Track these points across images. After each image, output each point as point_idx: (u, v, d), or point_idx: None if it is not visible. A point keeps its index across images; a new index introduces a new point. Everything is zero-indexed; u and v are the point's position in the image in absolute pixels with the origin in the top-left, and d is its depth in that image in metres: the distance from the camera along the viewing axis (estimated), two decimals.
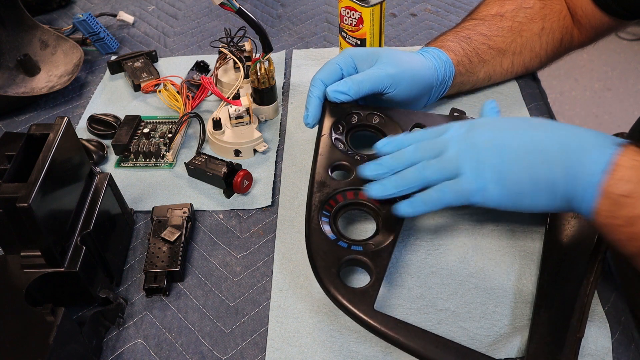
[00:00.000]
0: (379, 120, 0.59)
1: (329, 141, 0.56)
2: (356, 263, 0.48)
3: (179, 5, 0.94)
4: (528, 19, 0.67)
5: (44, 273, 0.45)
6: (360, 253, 0.47)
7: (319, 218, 0.49)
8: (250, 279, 0.53)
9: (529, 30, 0.67)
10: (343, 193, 0.52)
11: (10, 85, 0.77)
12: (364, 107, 0.59)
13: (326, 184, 0.52)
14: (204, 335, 0.49)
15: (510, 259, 0.53)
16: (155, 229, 0.55)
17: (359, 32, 0.67)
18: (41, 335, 0.40)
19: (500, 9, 0.68)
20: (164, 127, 0.69)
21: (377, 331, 0.43)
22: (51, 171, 0.43)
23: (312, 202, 0.51)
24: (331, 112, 0.58)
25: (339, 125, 0.58)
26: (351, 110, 0.59)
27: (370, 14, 0.65)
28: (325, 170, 0.53)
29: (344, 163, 0.54)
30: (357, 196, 0.52)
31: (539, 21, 0.68)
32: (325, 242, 0.48)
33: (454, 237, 0.55)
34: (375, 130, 0.59)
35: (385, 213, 0.51)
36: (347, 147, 0.57)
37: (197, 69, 0.77)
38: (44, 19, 0.93)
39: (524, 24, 0.67)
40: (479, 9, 0.70)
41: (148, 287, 0.52)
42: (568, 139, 0.44)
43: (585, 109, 2.01)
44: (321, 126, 0.57)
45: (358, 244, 0.48)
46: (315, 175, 0.53)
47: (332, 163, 0.54)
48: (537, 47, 0.69)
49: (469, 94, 0.70)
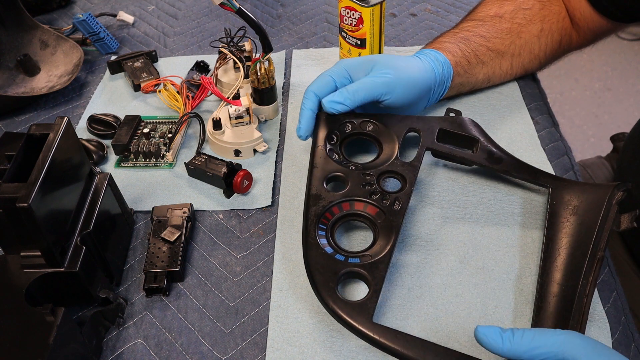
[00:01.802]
0: (372, 127, 0.59)
1: (323, 152, 0.56)
2: (354, 275, 0.48)
3: (179, 5, 0.94)
4: (527, 21, 0.67)
5: (44, 273, 0.45)
6: (357, 265, 0.48)
7: (316, 232, 0.50)
8: (250, 279, 0.53)
9: (528, 32, 0.67)
10: (339, 205, 0.52)
11: (10, 85, 0.77)
12: (357, 115, 0.59)
13: (321, 197, 0.52)
14: (204, 335, 0.49)
15: (510, 258, 0.53)
16: (155, 229, 0.55)
17: (359, 32, 0.67)
18: (41, 335, 0.40)
19: (499, 9, 0.68)
20: (164, 127, 0.69)
21: (376, 343, 0.43)
22: (51, 171, 0.43)
23: (308, 216, 0.51)
24: (325, 123, 0.58)
25: (332, 136, 0.58)
26: (344, 119, 0.59)
27: (370, 14, 0.65)
28: (320, 182, 0.53)
29: (339, 174, 0.55)
30: (353, 207, 0.52)
31: (537, 23, 0.67)
32: (323, 256, 0.48)
33: (454, 237, 0.55)
34: (370, 137, 0.59)
35: (381, 222, 0.51)
36: (341, 157, 0.57)
37: (197, 69, 0.77)
38: (44, 19, 0.93)
39: (522, 25, 0.67)
40: (477, 10, 0.70)
41: (148, 287, 0.52)
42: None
43: (585, 109, 2.01)
44: (315, 137, 0.57)
45: (355, 256, 0.49)
46: (310, 188, 0.53)
47: (327, 175, 0.54)
48: (536, 48, 0.68)
49: (468, 94, 0.70)
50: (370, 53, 0.68)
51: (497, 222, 0.56)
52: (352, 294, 0.51)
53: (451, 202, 0.58)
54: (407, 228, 0.56)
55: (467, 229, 0.56)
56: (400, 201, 0.52)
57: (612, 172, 0.84)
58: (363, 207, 0.52)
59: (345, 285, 0.52)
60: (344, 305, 0.45)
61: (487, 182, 0.60)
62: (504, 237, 0.55)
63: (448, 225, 0.56)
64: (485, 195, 0.59)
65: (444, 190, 0.60)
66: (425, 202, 0.59)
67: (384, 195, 0.53)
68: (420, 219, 0.57)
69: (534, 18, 0.67)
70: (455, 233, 0.55)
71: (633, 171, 0.75)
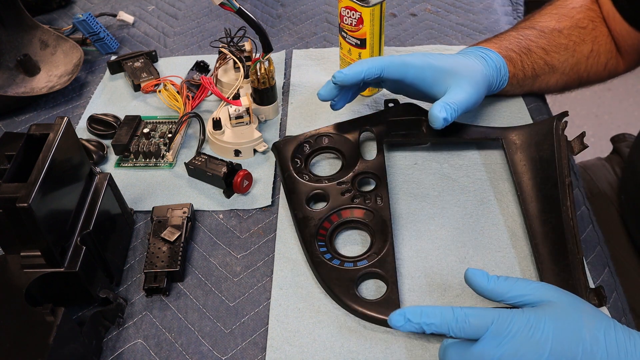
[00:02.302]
0: (328, 140, 0.62)
1: (294, 177, 0.58)
2: (368, 276, 0.51)
3: (179, 5, 0.94)
4: (581, 39, 0.67)
5: (44, 273, 0.45)
6: (368, 266, 0.50)
7: (318, 250, 0.52)
8: (250, 279, 0.53)
9: (580, 52, 0.67)
10: (328, 219, 0.55)
11: (10, 85, 0.77)
12: (310, 134, 0.62)
13: (309, 217, 0.55)
14: (204, 335, 0.49)
15: (510, 259, 0.53)
16: (155, 229, 0.55)
17: (359, 32, 0.67)
18: (41, 335, 0.40)
19: (558, 24, 0.67)
20: (164, 127, 0.69)
21: None
22: (51, 171, 0.43)
23: (305, 239, 0.53)
24: (284, 151, 0.61)
25: (296, 160, 0.60)
26: (299, 141, 0.61)
27: (370, 14, 0.65)
28: (302, 206, 0.56)
29: (317, 192, 0.57)
30: (341, 216, 0.55)
31: (589, 43, 0.67)
32: (333, 270, 0.50)
33: (454, 237, 0.55)
34: (330, 149, 0.62)
35: (372, 221, 0.54)
36: (311, 175, 0.59)
37: (197, 69, 0.77)
38: (44, 19, 0.93)
39: (577, 44, 0.67)
40: (536, 19, 0.69)
41: (148, 287, 0.52)
42: None
43: (585, 109, 2.01)
44: (281, 167, 0.60)
45: (361, 259, 0.51)
46: (296, 214, 0.55)
47: (306, 197, 0.57)
48: (582, 69, 0.68)
49: None
50: (370, 53, 0.68)
51: (497, 223, 0.56)
52: (372, 296, 0.51)
53: (421, 182, 0.61)
54: (408, 229, 0.56)
55: (468, 229, 0.56)
56: (381, 196, 0.55)
57: (613, 173, 0.84)
58: (350, 213, 0.55)
59: (361, 291, 0.52)
60: (371, 305, 0.47)
61: (445, 153, 0.64)
62: (504, 237, 0.55)
63: (449, 225, 0.56)
64: (450, 163, 0.63)
65: (412, 175, 0.62)
66: (400, 189, 0.60)
67: (364, 196, 0.56)
68: (419, 218, 0.57)
69: (586, 38, 0.67)
70: (455, 233, 0.55)
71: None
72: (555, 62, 0.66)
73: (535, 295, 0.42)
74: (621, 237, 0.76)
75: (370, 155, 0.62)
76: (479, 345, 0.40)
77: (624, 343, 0.40)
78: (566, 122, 0.58)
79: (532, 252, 0.52)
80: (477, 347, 0.40)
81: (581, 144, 0.55)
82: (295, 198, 0.56)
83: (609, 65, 0.69)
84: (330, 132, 0.62)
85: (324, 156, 0.64)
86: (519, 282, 0.43)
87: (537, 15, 0.70)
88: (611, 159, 0.88)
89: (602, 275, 0.52)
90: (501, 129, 0.62)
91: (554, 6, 0.70)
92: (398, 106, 0.64)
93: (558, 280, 0.48)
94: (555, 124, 0.58)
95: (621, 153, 0.86)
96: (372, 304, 0.47)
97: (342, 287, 0.49)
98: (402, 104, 0.64)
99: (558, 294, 0.43)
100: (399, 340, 0.47)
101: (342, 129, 0.62)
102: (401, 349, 0.47)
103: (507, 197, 0.58)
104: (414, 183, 0.60)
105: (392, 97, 0.69)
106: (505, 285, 0.43)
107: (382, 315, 0.47)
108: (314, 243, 0.52)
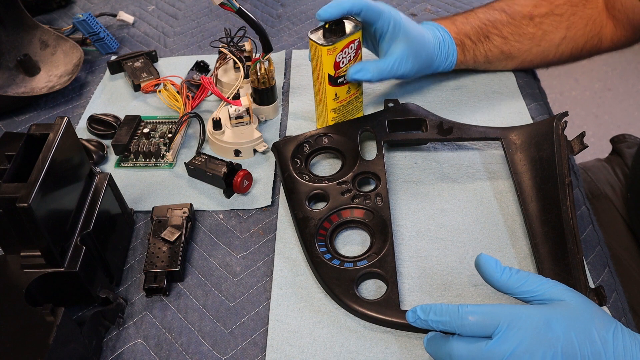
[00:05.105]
0: (328, 140, 0.62)
1: (294, 177, 0.58)
2: (368, 276, 0.51)
3: (179, 5, 0.95)
4: (553, 27, 0.67)
5: (44, 273, 0.45)
6: (368, 266, 0.50)
7: (318, 250, 0.52)
8: (250, 279, 0.53)
9: (549, 41, 0.67)
10: (328, 219, 0.55)
11: (10, 85, 0.77)
12: (311, 134, 0.62)
13: (309, 218, 0.55)
14: (204, 335, 0.49)
15: (510, 259, 0.53)
16: (155, 229, 0.55)
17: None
18: (41, 335, 0.40)
19: (533, 9, 0.68)
20: (164, 127, 0.69)
21: (411, 327, 0.44)
22: (51, 171, 0.43)
23: (305, 239, 0.53)
24: (284, 151, 0.61)
25: (296, 160, 0.60)
26: (299, 141, 0.61)
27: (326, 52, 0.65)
28: (302, 206, 0.56)
29: (317, 192, 0.57)
30: (341, 216, 0.55)
31: (562, 30, 0.67)
32: (333, 269, 0.50)
33: (454, 237, 0.55)
34: (330, 149, 0.62)
35: (372, 221, 0.54)
36: (311, 176, 0.59)
37: (197, 69, 0.77)
38: (44, 19, 0.93)
39: (547, 32, 0.67)
40: (514, 0, 0.69)
41: (148, 287, 0.52)
42: None
43: (585, 109, 2.01)
44: (281, 167, 0.60)
45: (362, 259, 0.51)
46: (296, 214, 0.55)
47: (306, 196, 0.57)
48: (551, 55, 0.69)
49: (468, 96, 0.70)
50: None
51: (497, 223, 0.56)
52: (372, 296, 0.51)
53: (421, 182, 0.61)
54: (407, 229, 0.56)
55: (468, 229, 0.56)
56: (381, 196, 0.55)
57: (614, 174, 0.84)
58: (350, 213, 0.55)
59: (361, 291, 0.52)
60: (371, 305, 0.47)
61: (445, 153, 0.64)
62: (504, 237, 0.55)
63: (449, 225, 0.56)
64: (450, 163, 0.63)
65: (412, 175, 0.62)
66: (400, 189, 0.60)
67: (364, 196, 0.56)
68: (419, 218, 0.57)
69: (560, 25, 0.67)
70: (455, 233, 0.55)
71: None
72: (513, 51, 0.68)
73: (547, 293, 0.42)
74: (622, 238, 0.76)
75: (370, 155, 0.62)
76: (490, 343, 0.40)
77: (630, 346, 0.40)
78: (566, 122, 0.58)
79: (532, 251, 0.52)
80: (487, 345, 0.40)
81: (581, 144, 0.55)
82: (295, 198, 0.56)
83: (588, 46, 0.70)
84: (330, 132, 0.62)
85: (324, 156, 0.64)
86: (530, 277, 0.43)
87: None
88: (611, 160, 0.87)
89: (602, 275, 0.52)
90: (501, 129, 0.62)
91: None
92: (398, 106, 0.64)
93: (558, 280, 0.48)
94: (555, 124, 0.58)
95: (621, 154, 0.86)
96: (372, 304, 0.48)
97: (342, 287, 0.49)
98: (402, 104, 0.64)
99: (569, 294, 0.42)
100: (399, 340, 0.47)
101: (342, 129, 0.62)
102: (401, 349, 0.47)
103: (507, 197, 0.58)
104: (414, 183, 0.61)
105: (392, 97, 0.69)
106: (517, 278, 0.43)
107: (382, 315, 0.47)
108: (314, 243, 0.52)
